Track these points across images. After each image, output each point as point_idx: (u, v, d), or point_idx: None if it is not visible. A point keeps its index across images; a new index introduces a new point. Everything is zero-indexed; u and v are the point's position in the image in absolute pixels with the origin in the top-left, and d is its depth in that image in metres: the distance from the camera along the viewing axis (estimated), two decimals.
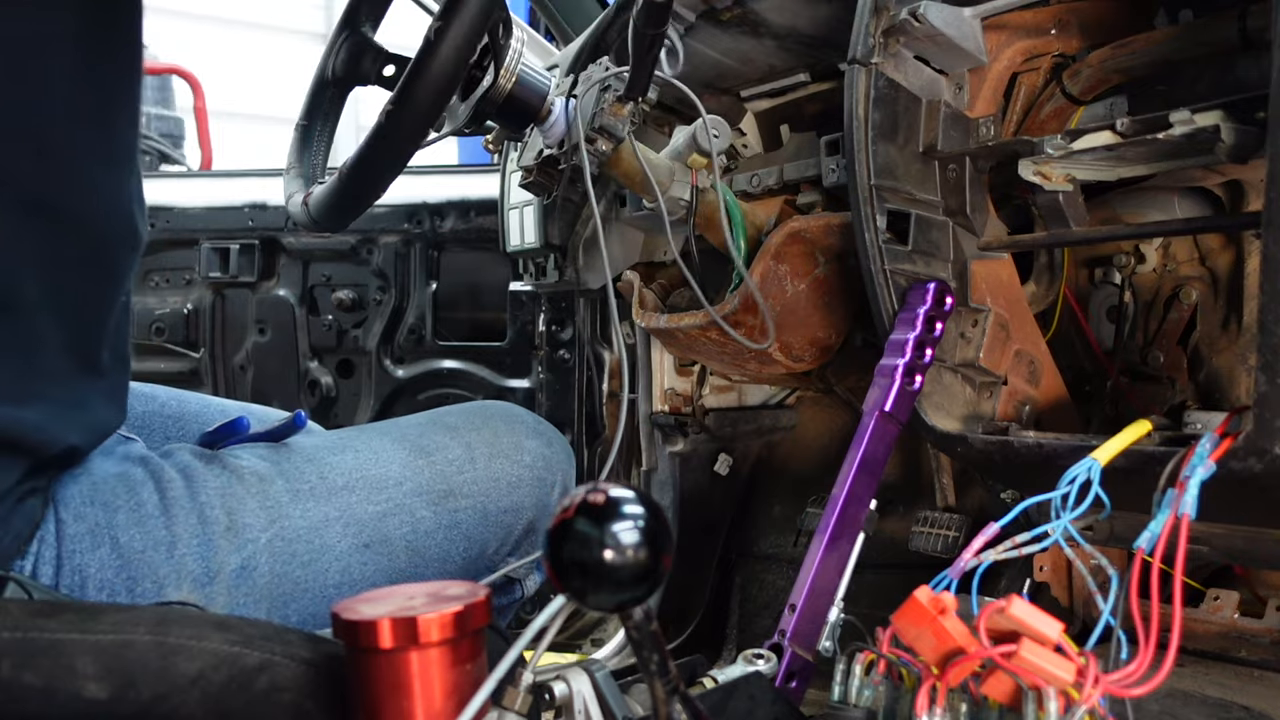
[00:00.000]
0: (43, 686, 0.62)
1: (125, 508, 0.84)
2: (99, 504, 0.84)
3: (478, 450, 1.05)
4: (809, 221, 1.24)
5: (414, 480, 0.99)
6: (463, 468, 1.03)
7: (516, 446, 1.08)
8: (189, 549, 0.85)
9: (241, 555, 0.87)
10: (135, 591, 0.83)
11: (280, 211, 2.23)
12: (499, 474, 1.05)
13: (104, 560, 0.82)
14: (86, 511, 0.83)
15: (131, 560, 0.83)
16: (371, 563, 0.94)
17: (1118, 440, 0.87)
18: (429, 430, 1.06)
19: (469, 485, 1.02)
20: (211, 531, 0.86)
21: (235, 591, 0.86)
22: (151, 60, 5.48)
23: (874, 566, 1.16)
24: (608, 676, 0.69)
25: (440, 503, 1.00)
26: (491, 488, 1.04)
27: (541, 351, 2.04)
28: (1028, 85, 1.17)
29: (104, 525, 0.83)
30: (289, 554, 0.89)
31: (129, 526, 0.83)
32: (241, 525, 0.87)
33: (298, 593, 0.90)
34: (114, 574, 0.82)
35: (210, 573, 0.85)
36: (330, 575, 0.91)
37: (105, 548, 0.82)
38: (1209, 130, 0.91)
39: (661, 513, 0.58)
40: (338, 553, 0.92)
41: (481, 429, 1.08)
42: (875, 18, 1.10)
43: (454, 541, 1.00)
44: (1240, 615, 1.17)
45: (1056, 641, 0.64)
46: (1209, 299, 1.28)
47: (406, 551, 0.97)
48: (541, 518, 1.10)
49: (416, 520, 0.98)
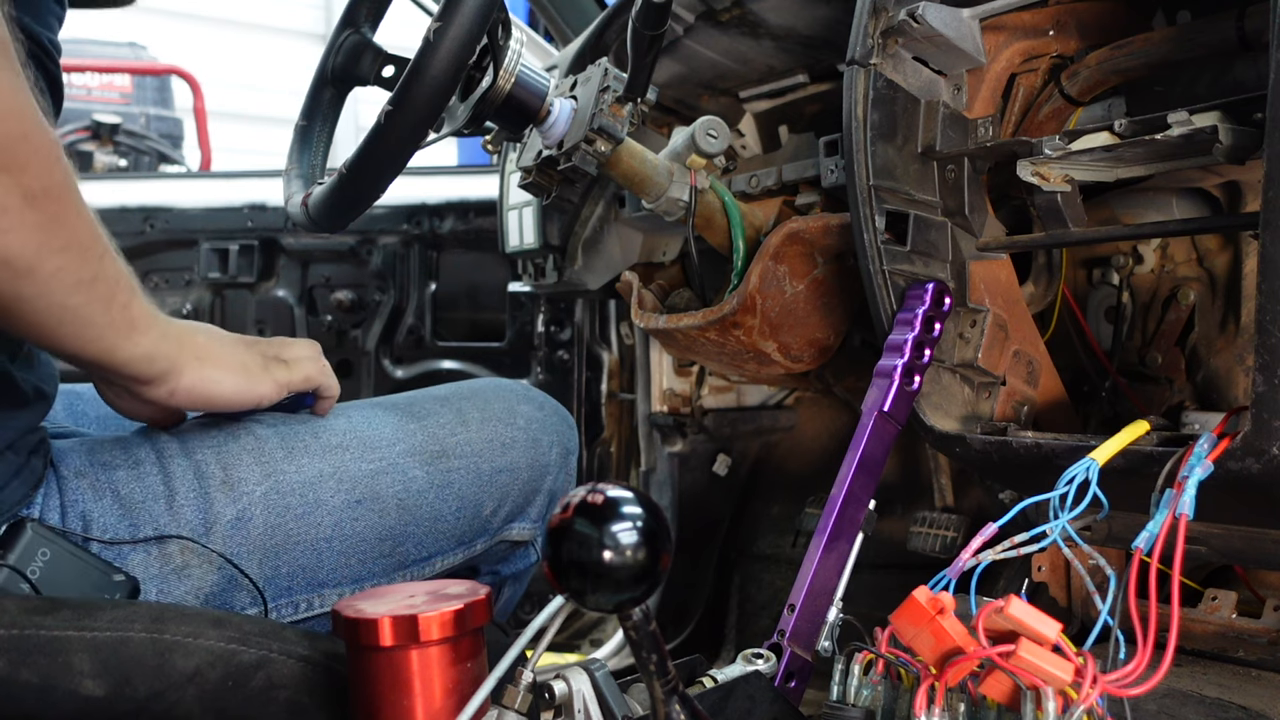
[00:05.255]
0: (40, 683, 0.62)
1: (124, 466, 0.87)
2: (98, 464, 0.87)
3: (470, 415, 1.07)
4: (807, 222, 1.24)
5: (406, 442, 1.01)
6: (455, 430, 1.05)
7: (509, 411, 1.10)
8: (186, 500, 0.87)
9: (237, 507, 0.89)
10: (136, 536, 0.85)
11: (279, 212, 2.23)
12: (491, 436, 1.07)
13: (106, 508, 0.85)
14: (86, 470, 0.86)
15: (133, 509, 0.85)
16: (363, 518, 0.96)
17: (1116, 440, 0.87)
18: (419, 399, 1.08)
19: (461, 446, 1.04)
20: (208, 485, 0.88)
21: (230, 540, 0.88)
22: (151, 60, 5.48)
23: (873, 567, 1.16)
24: (607, 676, 0.69)
25: (432, 463, 1.01)
26: (485, 449, 1.06)
27: (540, 352, 2.04)
28: (1026, 86, 1.17)
29: (105, 481, 0.86)
30: (283, 506, 0.91)
31: (129, 482, 0.86)
32: (237, 479, 0.89)
33: (290, 544, 0.92)
34: (116, 519, 0.84)
35: (207, 522, 0.87)
36: (322, 529, 0.93)
37: (107, 499, 0.85)
38: (1207, 131, 0.91)
39: (660, 513, 0.58)
40: (330, 507, 0.94)
41: (473, 398, 1.10)
42: (874, 19, 1.10)
43: (446, 501, 1.02)
44: (1238, 615, 1.18)
45: (1054, 641, 0.64)
46: (1207, 299, 1.28)
47: (398, 509, 0.98)
48: (540, 478, 1.12)
49: (408, 479, 0.99)
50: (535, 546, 1.16)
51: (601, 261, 1.72)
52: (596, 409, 1.98)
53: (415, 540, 1.00)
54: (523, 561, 1.17)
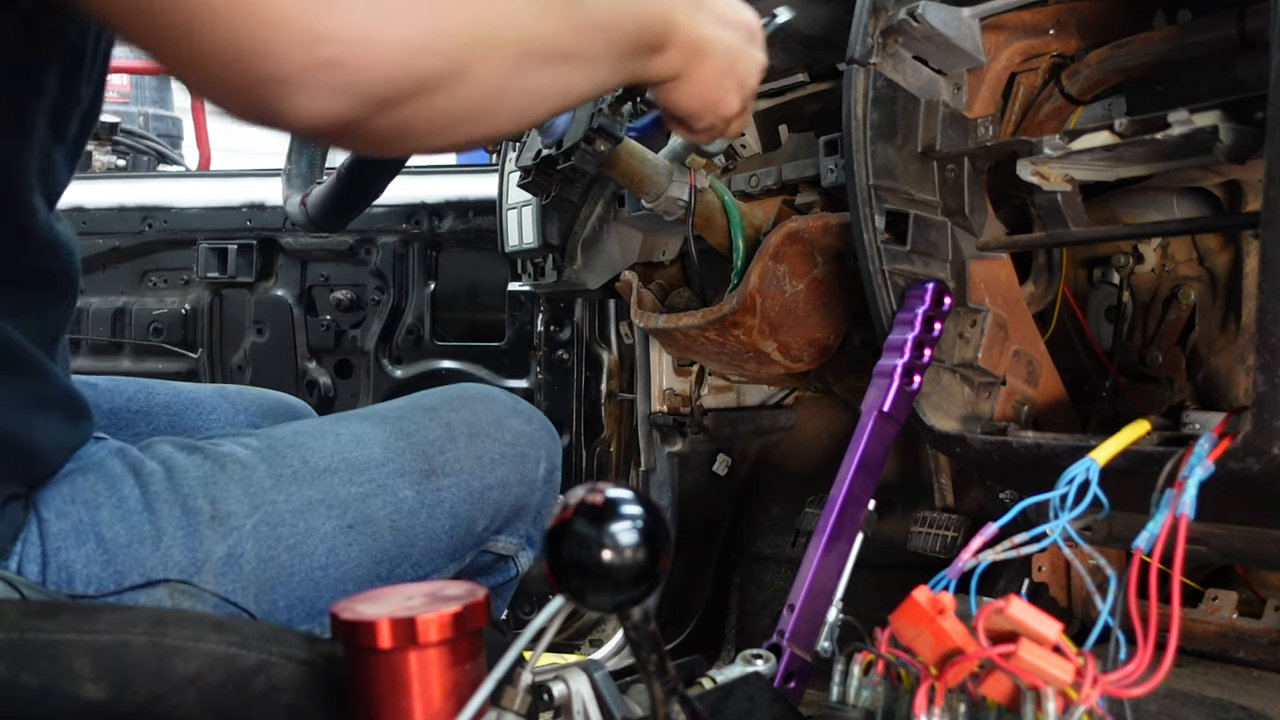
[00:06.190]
0: (40, 687, 0.62)
1: (108, 504, 0.84)
2: (80, 502, 0.83)
3: (458, 430, 1.05)
4: (807, 222, 1.24)
5: (395, 461, 0.99)
6: (443, 447, 1.03)
7: (496, 425, 1.08)
8: (174, 540, 0.84)
9: (227, 543, 0.86)
10: (123, 585, 0.82)
11: (278, 212, 2.23)
12: (480, 452, 1.05)
13: (90, 555, 0.81)
14: (69, 510, 0.82)
15: (117, 554, 0.82)
16: (357, 544, 0.94)
17: (1116, 440, 0.87)
18: (408, 413, 1.06)
19: (451, 464, 1.02)
20: (196, 521, 0.85)
21: (223, 579, 0.86)
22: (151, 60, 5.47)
23: (872, 567, 1.16)
24: (606, 677, 0.69)
25: (423, 482, 1.00)
26: (474, 465, 1.04)
27: (540, 352, 2.04)
28: (1026, 85, 1.17)
29: (87, 522, 0.82)
30: (274, 538, 0.89)
31: (113, 522, 0.83)
32: (225, 513, 0.87)
33: (284, 576, 0.89)
34: (100, 568, 0.81)
35: (197, 562, 0.85)
36: (316, 558, 0.91)
37: (90, 544, 0.81)
38: (1207, 130, 0.91)
39: (660, 513, 0.58)
40: (323, 535, 0.92)
41: (460, 409, 1.08)
42: (874, 18, 1.10)
43: (439, 520, 1.00)
44: (1239, 615, 1.18)
45: (1055, 642, 0.64)
46: (1207, 299, 1.28)
47: (391, 531, 0.97)
48: (528, 494, 1.10)
49: (399, 500, 0.98)
50: (518, 561, 1.14)
51: (601, 261, 1.72)
52: (596, 409, 1.98)
53: (412, 561, 0.99)
54: (504, 575, 1.15)
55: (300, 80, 0.56)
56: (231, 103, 0.59)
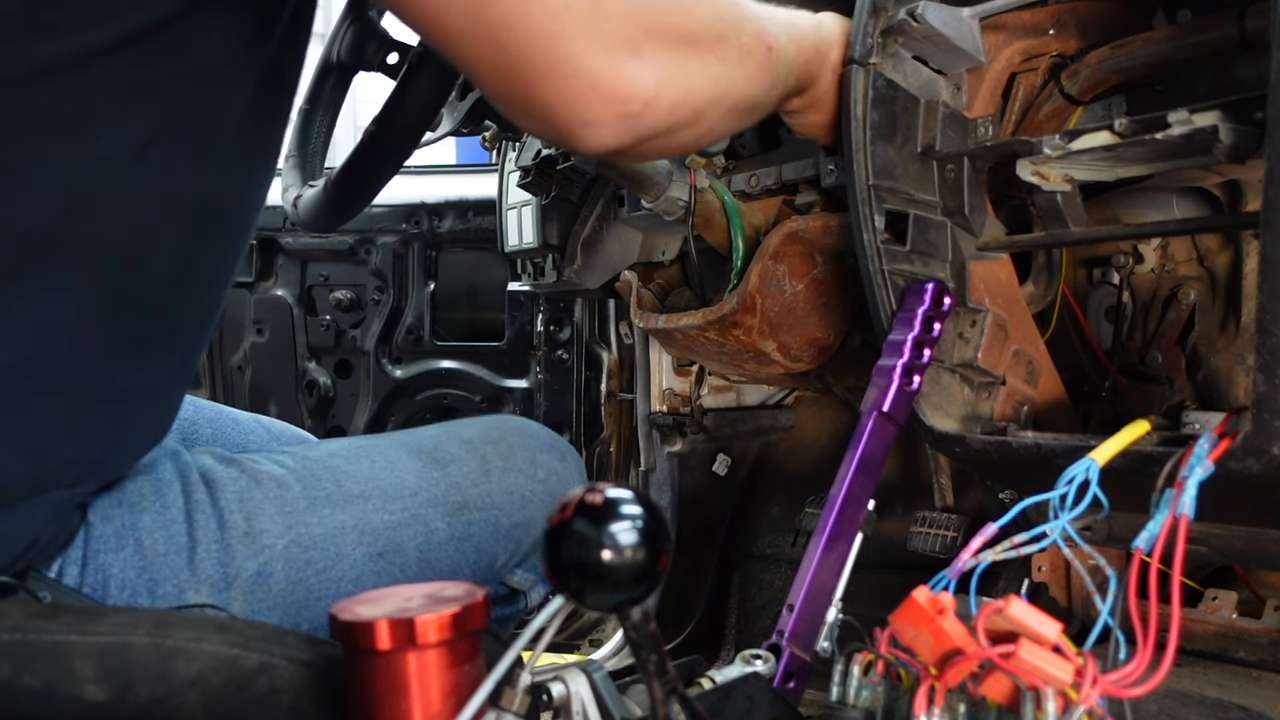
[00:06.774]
0: (42, 688, 0.62)
1: (151, 510, 0.84)
2: (126, 505, 0.84)
3: (492, 463, 1.05)
4: (807, 222, 1.24)
5: (429, 491, 0.99)
6: (477, 480, 1.02)
7: (530, 461, 1.08)
8: (208, 553, 0.85)
9: (258, 561, 0.87)
10: (156, 594, 0.83)
11: (278, 211, 2.23)
12: (512, 488, 1.05)
13: (127, 561, 0.82)
14: (114, 513, 0.83)
15: (154, 562, 0.83)
16: (384, 571, 0.94)
17: (1116, 440, 0.87)
18: (444, 442, 1.05)
19: (483, 498, 1.02)
20: (230, 536, 0.86)
21: (250, 597, 0.86)
22: None
23: (872, 567, 1.16)
24: (606, 677, 0.69)
25: (454, 515, 0.99)
26: (505, 501, 1.04)
27: (540, 352, 2.04)
28: (1026, 85, 1.17)
29: (129, 527, 0.83)
30: (304, 561, 0.89)
31: (153, 530, 0.84)
32: (259, 531, 0.87)
33: (311, 600, 0.89)
34: (136, 574, 0.82)
35: (228, 578, 0.85)
36: (344, 583, 0.91)
37: (129, 549, 0.83)
38: (1207, 131, 0.91)
39: (660, 513, 0.58)
40: (352, 560, 0.92)
41: (497, 443, 1.07)
42: (873, 18, 1.10)
43: (464, 554, 1.00)
44: (1238, 615, 1.17)
45: (1055, 642, 0.64)
46: (1207, 299, 1.28)
47: (418, 562, 0.96)
48: None
49: (430, 531, 0.97)
50: (529, 596, 1.14)
51: (601, 261, 1.72)
52: (596, 409, 1.98)
53: None
54: (512, 608, 1.15)
55: (604, 123, 0.79)
56: (540, 129, 0.81)
